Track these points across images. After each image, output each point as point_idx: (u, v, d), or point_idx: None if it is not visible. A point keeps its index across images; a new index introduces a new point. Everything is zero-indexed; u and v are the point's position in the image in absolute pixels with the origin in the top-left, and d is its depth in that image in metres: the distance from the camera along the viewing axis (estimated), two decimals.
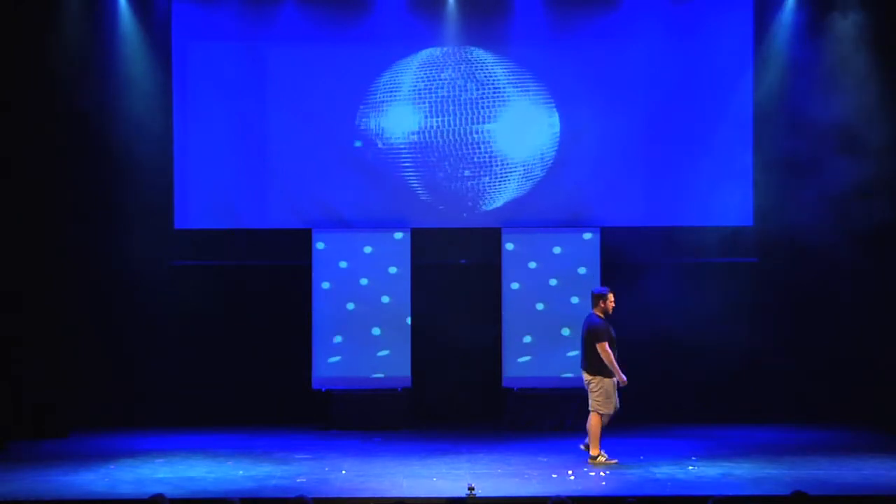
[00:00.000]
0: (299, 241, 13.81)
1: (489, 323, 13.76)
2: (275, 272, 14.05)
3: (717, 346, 13.66)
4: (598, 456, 11.37)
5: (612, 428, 11.70)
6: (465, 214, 13.96)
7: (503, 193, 13.93)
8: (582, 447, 11.51)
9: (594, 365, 11.42)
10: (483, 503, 9.58)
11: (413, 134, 13.88)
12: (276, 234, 13.97)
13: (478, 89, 13.89)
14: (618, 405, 11.49)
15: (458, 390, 14.04)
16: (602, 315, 11.52)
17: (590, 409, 11.46)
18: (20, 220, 13.33)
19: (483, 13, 13.92)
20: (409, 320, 13.69)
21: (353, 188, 13.91)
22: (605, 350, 11.33)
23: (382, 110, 13.91)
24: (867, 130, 13.33)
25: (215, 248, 13.94)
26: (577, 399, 13.50)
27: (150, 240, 13.75)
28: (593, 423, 11.39)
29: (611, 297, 11.57)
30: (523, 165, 13.90)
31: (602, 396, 11.39)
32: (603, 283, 13.32)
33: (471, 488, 9.64)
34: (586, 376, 11.52)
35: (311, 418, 13.70)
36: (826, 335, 13.79)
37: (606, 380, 11.39)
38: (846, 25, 13.60)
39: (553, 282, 13.72)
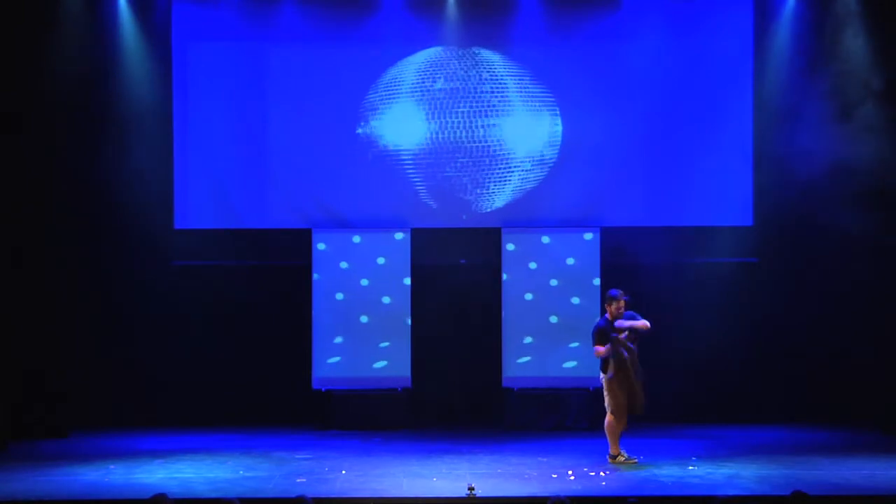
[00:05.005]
0: (299, 241, 13.81)
1: (489, 323, 13.78)
2: (275, 272, 14.05)
3: (716, 346, 13.67)
4: (617, 455, 11.37)
5: None
6: (464, 216, 13.95)
7: (503, 193, 13.93)
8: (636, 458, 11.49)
9: (603, 364, 11.44)
10: (483, 503, 9.58)
11: (413, 134, 13.87)
12: (276, 234, 13.97)
13: (478, 89, 13.87)
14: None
15: (458, 390, 14.04)
16: (610, 317, 11.44)
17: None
18: (20, 220, 13.32)
19: (483, 13, 13.92)
20: (408, 321, 13.69)
21: (354, 188, 13.91)
22: (598, 353, 11.34)
23: (383, 110, 13.91)
24: (868, 130, 13.32)
25: (215, 248, 13.94)
26: (576, 399, 13.53)
27: (150, 240, 13.75)
28: (609, 422, 11.39)
29: (621, 302, 11.38)
30: (524, 165, 13.90)
31: (612, 396, 11.40)
32: (603, 283, 13.34)
33: (471, 488, 9.64)
34: (601, 376, 11.54)
35: (311, 418, 13.70)
36: (826, 335, 13.78)
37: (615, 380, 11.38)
38: (847, 24, 13.59)
39: (553, 282, 13.72)
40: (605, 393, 11.44)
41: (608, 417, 11.41)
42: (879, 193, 13.27)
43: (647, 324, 11.31)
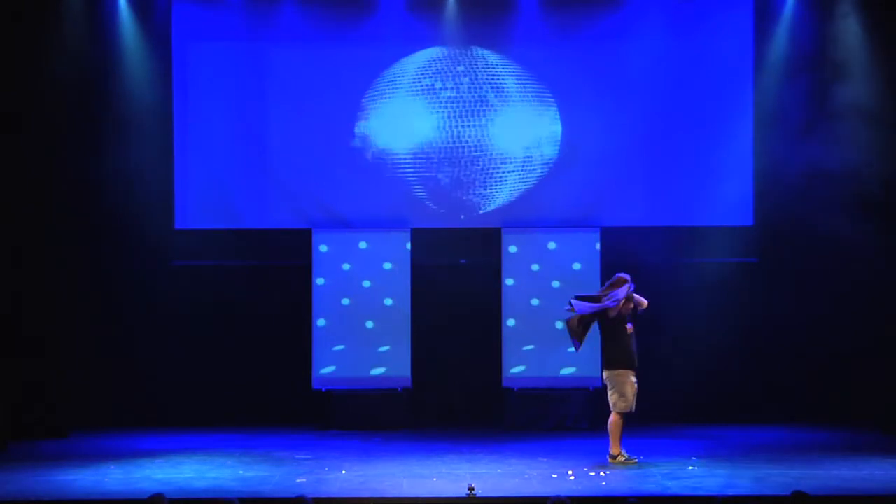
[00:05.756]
0: (299, 241, 13.81)
1: (489, 323, 13.79)
2: (275, 272, 14.05)
3: (717, 346, 13.68)
4: (617, 455, 11.35)
5: None
6: (462, 216, 13.95)
7: (503, 193, 13.93)
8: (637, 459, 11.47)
9: (606, 360, 11.45)
10: (483, 503, 9.58)
11: (412, 133, 13.88)
12: (276, 234, 13.97)
13: (478, 89, 13.88)
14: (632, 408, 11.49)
15: (458, 390, 14.05)
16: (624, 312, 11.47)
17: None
18: (20, 219, 13.31)
19: (484, 13, 13.92)
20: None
21: (353, 188, 13.91)
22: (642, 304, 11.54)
23: (382, 110, 13.91)
24: (868, 130, 13.33)
25: (215, 248, 13.94)
26: (576, 399, 13.53)
27: (150, 240, 13.75)
28: (611, 421, 11.36)
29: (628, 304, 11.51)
30: (523, 165, 13.90)
31: (615, 394, 11.37)
32: (603, 283, 13.33)
33: (471, 488, 9.64)
34: (603, 373, 11.57)
35: (311, 418, 13.70)
36: (826, 335, 13.77)
37: (619, 376, 11.35)
38: (846, 24, 13.59)
39: (554, 282, 13.72)
40: (612, 390, 11.42)
41: (613, 416, 11.38)
42: (879, 193, 13.27)
43: (645, 302, 11.53)
